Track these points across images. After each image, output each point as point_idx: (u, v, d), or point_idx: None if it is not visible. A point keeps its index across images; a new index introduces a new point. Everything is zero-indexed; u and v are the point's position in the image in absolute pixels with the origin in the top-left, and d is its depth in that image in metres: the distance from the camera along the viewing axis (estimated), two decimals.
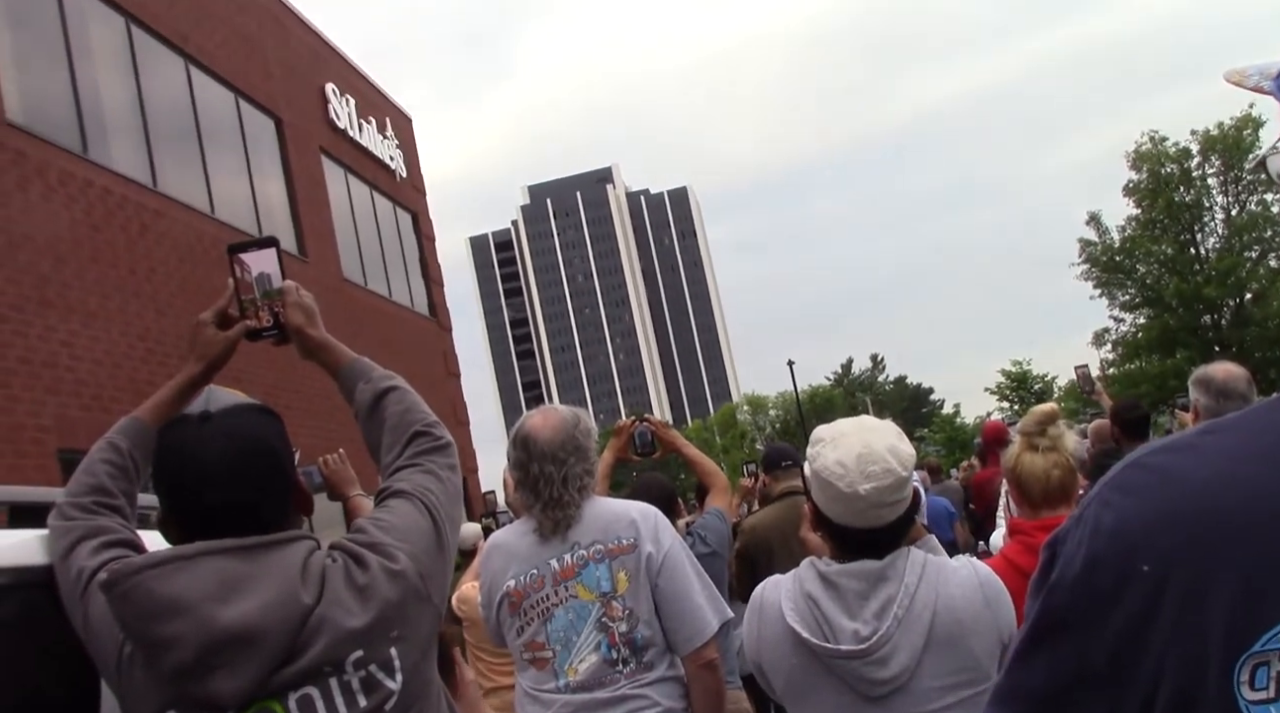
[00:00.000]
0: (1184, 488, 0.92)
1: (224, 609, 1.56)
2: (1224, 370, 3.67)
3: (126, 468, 1.87)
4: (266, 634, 1.57)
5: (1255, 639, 0.85)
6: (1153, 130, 36.45)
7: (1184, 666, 0.88)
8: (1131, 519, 0.93)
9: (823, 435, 2.34)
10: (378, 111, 18.84)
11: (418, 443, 1.91)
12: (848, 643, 2.19)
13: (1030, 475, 2.96)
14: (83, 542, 1.73)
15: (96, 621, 1.67)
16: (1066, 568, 0.97)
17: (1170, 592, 0.89)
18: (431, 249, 20.46)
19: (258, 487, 1.70)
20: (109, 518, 1.79)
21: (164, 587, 1.57)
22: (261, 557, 1.62)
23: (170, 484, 1.70)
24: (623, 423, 4.41)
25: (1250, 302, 35.20)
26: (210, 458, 1.67)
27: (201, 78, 13.15)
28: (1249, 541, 0.87)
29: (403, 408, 1.95)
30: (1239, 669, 0.85)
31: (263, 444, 1.73)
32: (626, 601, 2.90)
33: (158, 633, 1.56)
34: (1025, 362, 44.30)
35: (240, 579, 1.59)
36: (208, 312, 2.00)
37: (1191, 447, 0.95)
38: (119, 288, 10.54)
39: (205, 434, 1.69)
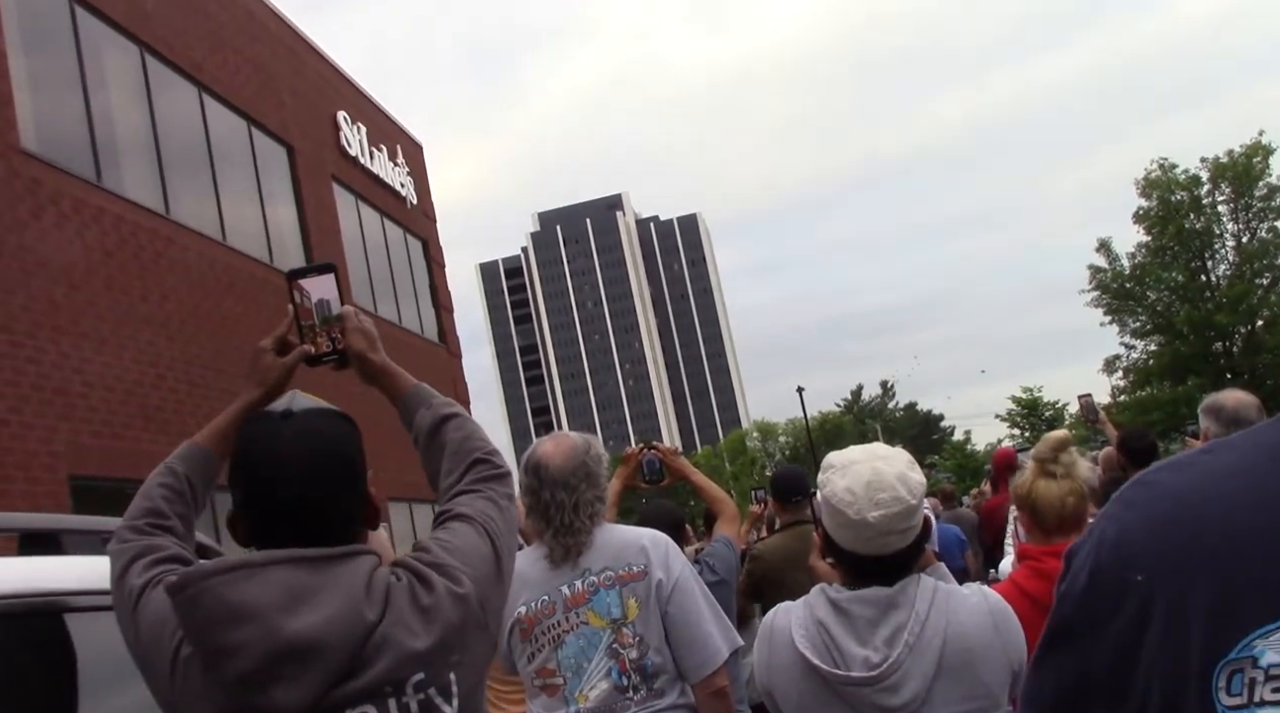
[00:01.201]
0: (1174, 501, 0.96)
1: (290, 620, 1.55)
2: (1234, 398, 3.66)
3: (182, 491, 1.89)
4: (330, 648, 1.56)
5: (1231, 647, 0.88)
6: (1163, 158, 36.54)
7: (1169, 675, 0.91)
8: (1129, 532, 0.98)
9: (833, 463, 2.34)
10: (389, 139, 18.96)
11: (478, 470, 1.91)
12: (858, 670, 2.18)
13: (1045, 502, 2.96)
14: (135, 561, 1.75)
15: (147, 631, 1.67)
16: (1075, 579, 1.02)
17: (1158, 602, 0.93)
18: (441, 276, 20.53)
19: (332, 488, 1.69)
20: (162, 537, 1.80)
21: (232, 593, 1.56)
22: (327, 569, 1.61)
23: (247, 476, 1.71)
24: (631, 451, 4.41)
25: (1262, 329, 35.10)
26: (288, 453, 1.68)
27: (215, 106, 13.26)
28: (1226, 551, 0.90)
29: (463, 435, 1.95)
30: (1217, 676, 0.88)
31: (340, 448, 1.73)
32: (637, 627, 2.89)
33: (223, 639, 1.55)
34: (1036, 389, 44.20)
35: (306, 591, 1.58)
36: (267, 339, 2.01)
37: (1190, 464, 1.00)
38: (131, 314, 10.60)
39: (286, 430, 1.70)
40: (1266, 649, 0.86)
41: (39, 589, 1.87)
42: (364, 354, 1.99)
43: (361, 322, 2.02)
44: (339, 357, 2.00)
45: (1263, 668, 0.86)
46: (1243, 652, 0.87)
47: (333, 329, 2.01)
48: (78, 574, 2.00)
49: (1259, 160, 34.70)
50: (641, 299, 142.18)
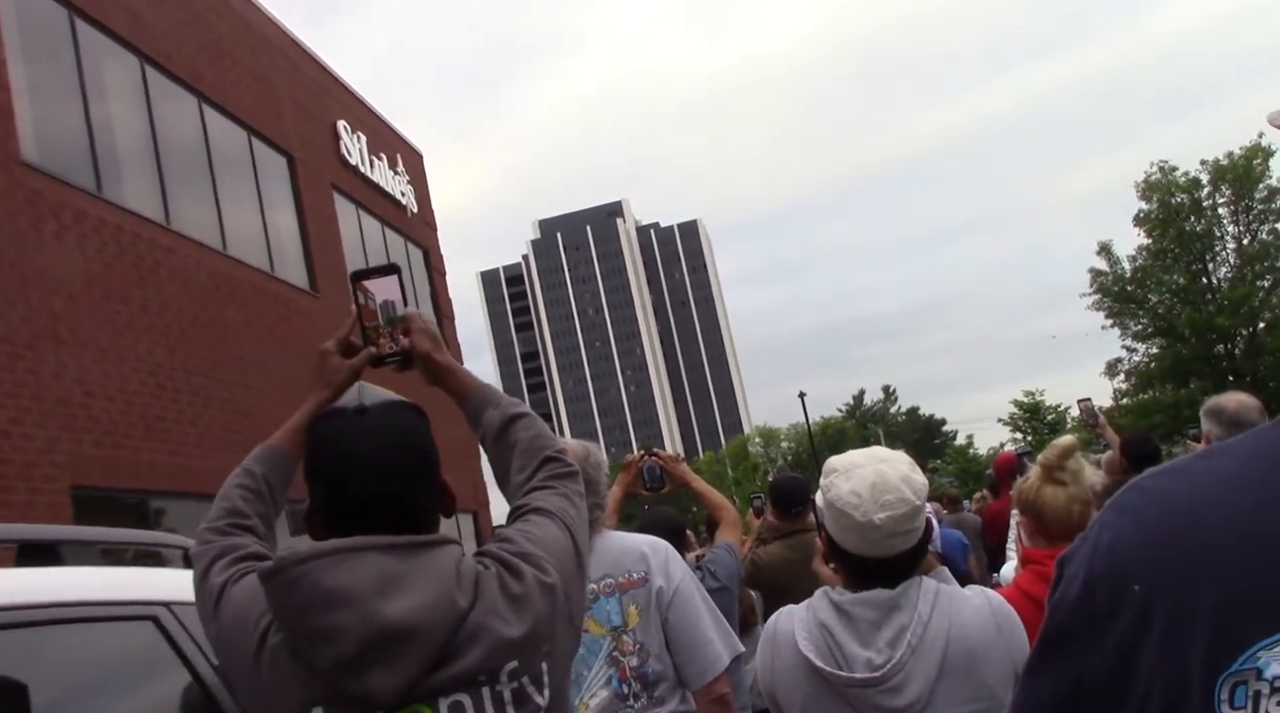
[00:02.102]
0: (1172, 509, 0.95)
1: (386, 604, 1.54)
2: (1236, 401, 3.65)
3: (260, 491, 1.90)
4: (425, 634, 1.55)
5: (1234, 659, 0.86)
6: (1162, 160, 36.55)
7: (1170, 685, 0.90)
8: (1126, 539, 0.96)
9: (836, 466, 2.34)
10: (389, 147, 18.98)
11: (549, 467, 1.91)
12: (861, 671, 2.18)
13: (1051, 509, 2.95)
14: (217, 560, 1.76)
15: (230, 626, 1.67)
16: (1069, 586, 1.00)
17: (1158, 611, 0.91)
18: (443, 284, 20.53)
19: (408, 481, 1.69)
20: (242, 536, 1.82)
21: (329, 578, 1.56)
22: (415, 556, 1.61)
23: (325, 472, 1.70)
24: (631, 458, 4.40)
25: (1263, 331, 35.07)
26: (364, 449, 1.67)
27: (214, 116, 13.27)
28: (1229, 561, 0.88)
29: (532, 434, 1.96)
30: (1219, 688, 0.87)
31: (415, 440, 1.72)
32: (637, 635, 2.88)
33: (321, 623, 1.54)
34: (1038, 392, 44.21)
35: (400, 576, 1.57)
36: (331, 340, 2.02)
37: (1187, 469, 0.98)
38: (131, 325, 10.59)
39: (361, 426, 1.69)
40: (1271, 662, 0.85)
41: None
42: (430, 355, 2.00)
43: (426, 323, 2.04)
44: (403, 358, 2.02)
45: (1267, 680, 0.85)
46: (1246, 664, 0.86)
47: (396, 330, 2.02)
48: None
49: (1259, 162, 34.69)
50: (643, 306, 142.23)
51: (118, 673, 1.95)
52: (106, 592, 1.94)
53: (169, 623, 1.95)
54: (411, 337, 2.01)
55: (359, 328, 2.03)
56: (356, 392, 1.76)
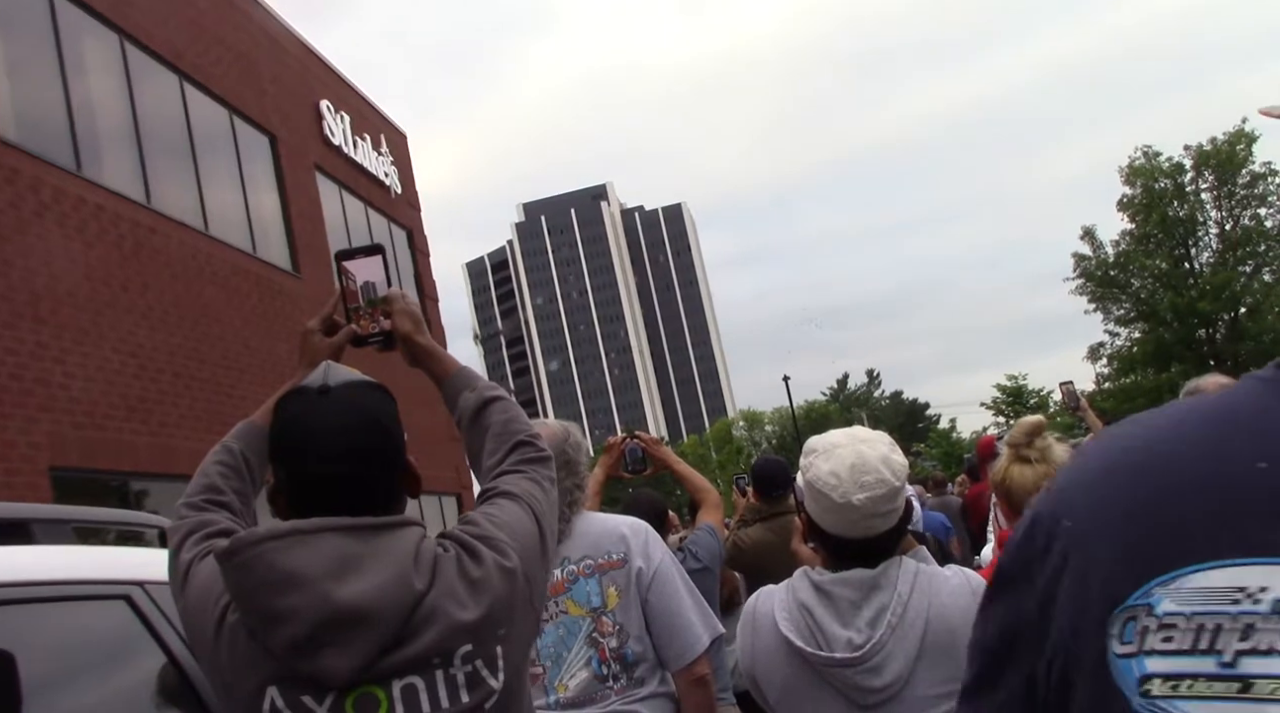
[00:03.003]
0: (1119, 449, 0.96)
1: (340, 587, 1.54)
2: (1215, 383, 3.66)
3: (239, 468, 1.92)
4: (379, 616, 1.55)
5: (1129, 593, 0.86)
6: (1146, 145, 36.63)
7: (1072, 619, 0.90)
8: (1070, 478, 0.98)
9: (816, 446, 2.34)
10: (372, 128, 18.87)
11: (521, 451, 1.92)
12: (841, 651, 2.18)
13: (1019, 487, 2.95)
14: (188, 536, 1.77)
15: (194, 602, 1.68)
16: (1018, 528, 1.00)
17: (1076, 548, 0.92)
18: (426, 265, 20.46)
19: (372, 461, 1.69)
20: (216, 512, 1.82)
21: (284, 559, 1.56)
22: (375, 538, 1.61)
23: (287, 451, 1.70)
24: (613, 440, 4.39)
25: (1245, 316, 35.26)
26: (327, 428, 1.67)
27: (196, 95, 13.16)
28: (1151, 497, 0.89)
29: (506, 417, 1.97)
30: (1111, 623, 0.87)
31: (379, 420, 1.71)
32: (617, 616, 2.87)
33: (274, 605, 1.55)
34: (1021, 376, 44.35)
35: (356, 558, 1.57)
36: (314, 319, 2.04)
37: (1149, 416, 0.99)
38: (111, 305, 10.52)
39: (324, 405, 1.68)
40: (1164, 598, 0.84)
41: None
42: (411, 336, 2.02)
43: (408, 304, 2.05)
44: (385, 338, 2.03)
45: (1156, 616, 0.84)
46: (1139, 599, 0.85)
47: (378, 311, 2.03)
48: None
49: (1242, 148, 34.81)
50: (627, 289, 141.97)
51: (90, 653, 1.93)
52: (77, 571, 1.92)
53: (142, 602, 1.94)
54: (393, 318, 2.03)
55: (342, 307, 2.04)
56: (323, 371, 1.74)
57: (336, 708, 1.56)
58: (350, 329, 2.03)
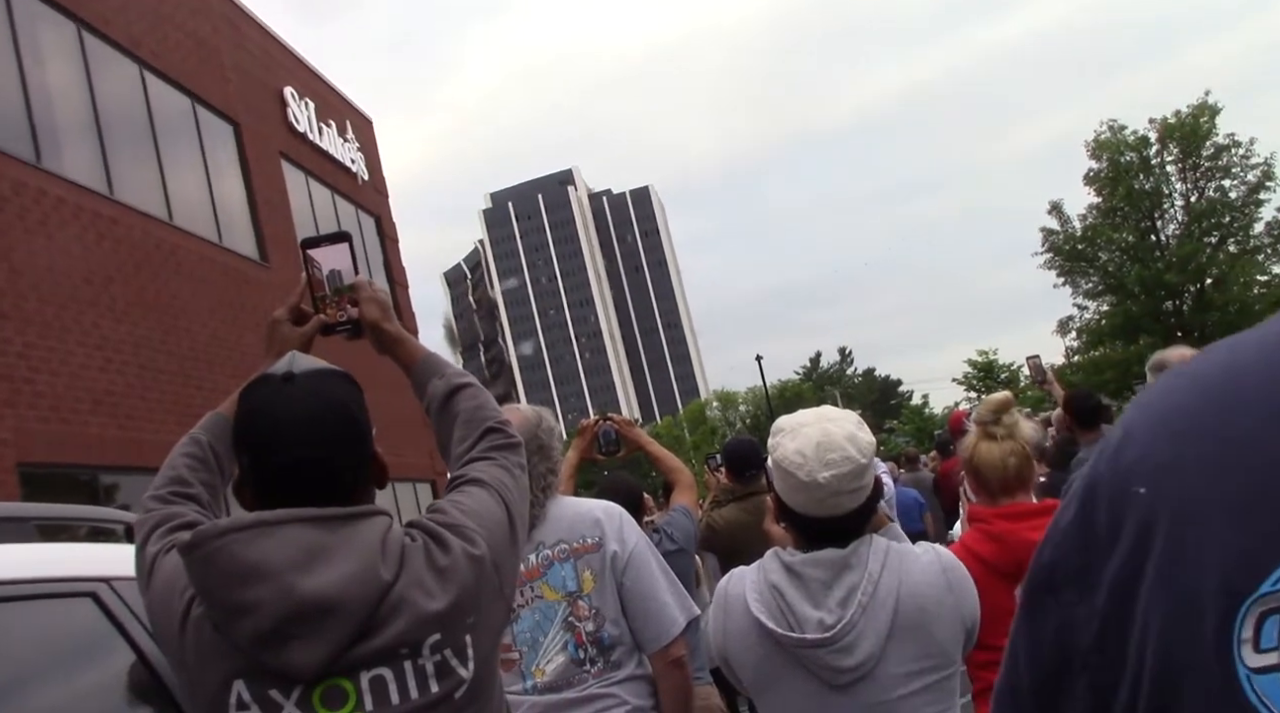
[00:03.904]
0: (1197, 387, 0.71)
1: (306, 579, 1.53)
2: (1179, 355, 3.69)
3: (206, 459, 1.90)
4: (345, 607, 1.54)
5: (1262, 578, 0.61)
6: (1111, 119, 36.86)
7: (1171, 624, 0.65)
8: (1134, 434, 0.72)
9: (783, 426, 2.35)
10: (337, 114, 18.70)
11: (490, 438, 1.91)
12: (812, 632, 2.18)
13: (987, 464, 2.97)
14: (154, 530, 1.75)
15: (158, 597, 1.66)
16: (1061, 515, 0.76)
17: (1161, 520, 0.66)
18: (395, 252, 20.33)
19: (338, 449, 1.66)
20: (183, 505, 1.80)
21: (247, 552, 1.54)
22: (340, 529, 1.59)
23: (251, 440, 1.67)
24: (586, 422, 4.39)
25: (1211, 287, 35.61)
26: (292, 416, 1.64)
27: (156, 83, 12.99)
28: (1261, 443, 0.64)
29: (476, 404, 1.95)
30: (1241, 621, 0.61)
31: (345, 408, 1.69)
32: (592, 600, 2.87)
33: (239, 597, 1.53)
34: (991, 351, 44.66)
35: (322, 550, 1.55)
36: (281, 309, 2.02)
37: (1227, 342, 0.74)
38: (75, 298, 10.39)
39: (288, 393, 1.66)
40: None
41: None
42: (378, 324, 2.01)
43: (375, 291, 2.04)
44: (353, 326, 2.02)
45: None
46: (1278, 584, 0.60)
47: (345, 299, 2.02)
48: None
49: (1206, 120, 35.09)
50: (596, 273, 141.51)
51: (55, 652, 1.90)
52: (40, 569, 1.89)
53: (109, 600, 1.91)
54: (361, 305, 2.01)
55: (309, 296, 2.02)
56: (288, 360, 1.72)
57: (304, 701, 1.55)
58: (318, 318, 2.02)
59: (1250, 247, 35.79)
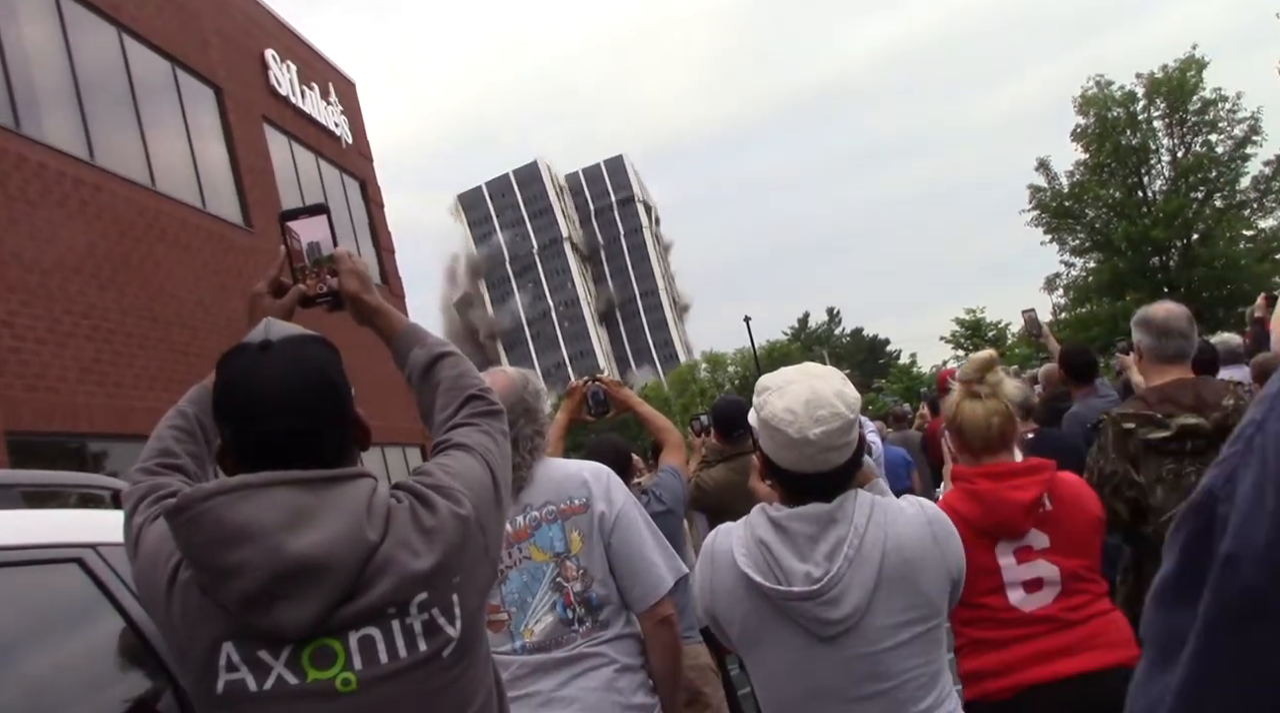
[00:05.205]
0: None
1: (293, 539, 1.54)
2: (1164, 309, 3.70)
3: (193, 431, 1.91)
4: (333, 567, 1.55)
5: None
6: (1099, 74, 36.70)
7: None
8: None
9: (769, 384, 2.35)
10: (320, 77, 18.52)
11: (473, 405, 1.92)
12: (799, 585, 2.20)
13: (971, 423, 2.98)
14: (141, 500, 1.76)
15: (144, 564, 1.68)
16: (1250, 526, 0.62)
17: None
18: (381, 217, 20.22)
19: (318, 414, 1.67)
20: (169, 476, 1.82)
21: (233, 514, 1.55)
22: (326, 490, 1.60)
23: (230, 411, 1.67)
24: (575, 384, 4.40)
25: (1197, 242, 35.63)
26: (271, 384, 1.64)
27: (136, 47, 12.83)
28: None
29: (457, 372, 1.97)
30: None
31: (323, 374, 1.70)
32: (580, 560, 2.89)
33: (225, 560, 1.54)
34: (979, 310, 44.76)
35: (308, 511, 1.57)
36: (261, 282, 2.04)
37: None
38: (59, 265, 10.33)
39: (266, 361, 1.66)
40: None
41: None
42: (358, 295, 2.02)
43: (355, 263, 2.05)
44: (333, 298, 2.03)
45: None
46: None
47: (324, 270, 2.02)
48: None
49: (1192, 74, 34.93)
50: (571, 241, 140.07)
51: (43, 618, 1.91)
52: (26, 535, 1.89)
53: (96, 565, 1.91)
54: (340, 277, 2.02)
55: (288, 269, 2.03)
56: (264, 327, 1.72)
57: (293, 661, 1.56)
58: (298, 289, 2.03)
59: (1236, 201, 35.78)
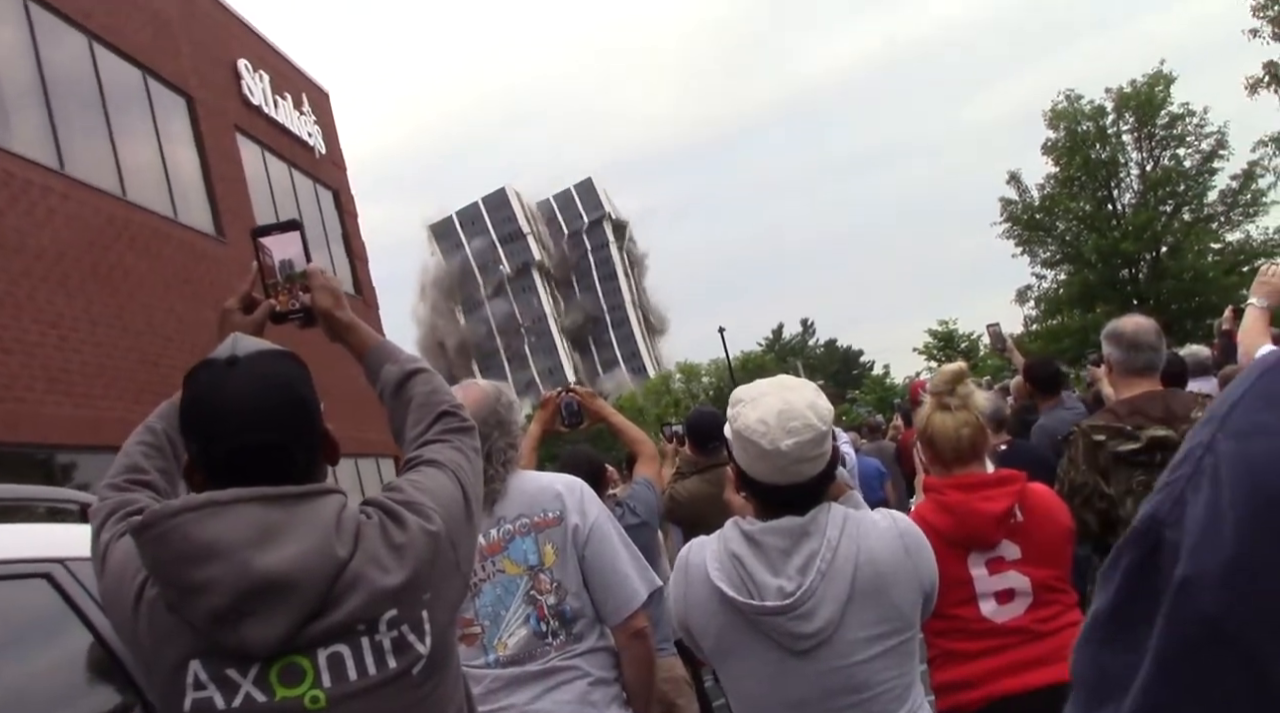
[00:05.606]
0: None
1: (260, 556, 1.53)
2: (1134, 323, 3.74)
3: (162, 446, 1.91)
4: (301, 584, 1.54)
5: None
6: (1069, 88, 37.08)
7: None
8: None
9: (742, 396, 2.36)
10: (293, 87, 18.45)
11: (445, 421, 1.92)
12: (772, 599, 2.20)
13: (941, 434, 3.00)
14: (109, 518, 1.75)
15: (111, 580, 1.66)
16: (1205, 550, 0.59)
17: None
18: (354, 226, 20.15)
19: (287, 429, 1.66)
20: (138, 492, 1.81)
21: (200, 531, 1.53)
22: (295, 507, 1.59)
23: (196, 426, 1.66)
24: (549, 395, 4.39)
25: (1166, 255, 36.01)
26: (238, 399, 1.63)
27: (107, 56, 12.75)
28: None
29: (429, 389, 1.97)
30: None
31: (291, 388, 1.68)
32: (554, 573, 2.88)
33: (193, 577, 1.53)
34: (951, 321, 45.00)
35: (276, 528, 1.55)
36: (232, 299, 2.03)
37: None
38: (27, 274, 10.23)
39: (233, 376, 1.65)
40: None
41: None
42: (330, 311, 2.02)
43: (327, 279, 2.05)
44: (305, 314, 2.03)
45: None
46: None
47: (297, 286, 2.02)
48: None
49: (1161, 89, 35.34)
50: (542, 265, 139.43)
51: (10, 633, 1.88)
52: None
53: (64, 580, 1.89)
54: (313, 293, 2.03)
55: (260, 284, 2.03)
56: (231, 342, 1.71)
57: (261, 679, 1.55)
58: (269, 305, 2.02)
59: (1204, 214, 36.18)
